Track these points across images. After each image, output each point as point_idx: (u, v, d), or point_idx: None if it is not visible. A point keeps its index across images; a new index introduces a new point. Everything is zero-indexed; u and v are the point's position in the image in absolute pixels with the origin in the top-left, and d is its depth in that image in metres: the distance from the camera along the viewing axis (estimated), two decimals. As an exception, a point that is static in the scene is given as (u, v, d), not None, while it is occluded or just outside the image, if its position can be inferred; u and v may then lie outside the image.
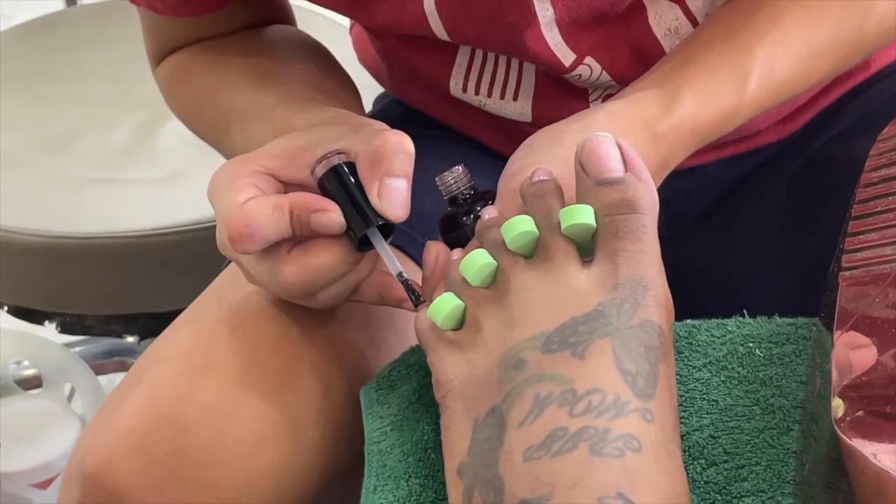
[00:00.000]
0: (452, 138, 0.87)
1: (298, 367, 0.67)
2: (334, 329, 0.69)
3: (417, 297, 0.61)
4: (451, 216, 0.65)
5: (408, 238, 0.74)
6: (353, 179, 0.62)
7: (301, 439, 0.66)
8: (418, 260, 0.75)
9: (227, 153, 0.78)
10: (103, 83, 1.36)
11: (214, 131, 0.80)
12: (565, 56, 0.75)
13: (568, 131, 0.64)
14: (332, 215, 0.60)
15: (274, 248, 0.61)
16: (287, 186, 0.63)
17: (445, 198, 0.65)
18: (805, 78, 0.70)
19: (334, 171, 0.62)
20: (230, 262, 0.75)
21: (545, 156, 0.62)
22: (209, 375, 0.65)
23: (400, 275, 0.62)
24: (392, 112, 0.92)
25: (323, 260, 0.61)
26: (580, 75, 0.76)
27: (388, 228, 0.62)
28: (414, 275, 0.64)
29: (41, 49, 1.43)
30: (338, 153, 0.62)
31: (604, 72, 0.76)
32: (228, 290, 0.71)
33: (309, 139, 0.65)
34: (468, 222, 0.63)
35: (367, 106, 0.97)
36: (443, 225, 0.65)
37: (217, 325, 0.68)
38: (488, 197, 0.64)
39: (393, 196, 0.61)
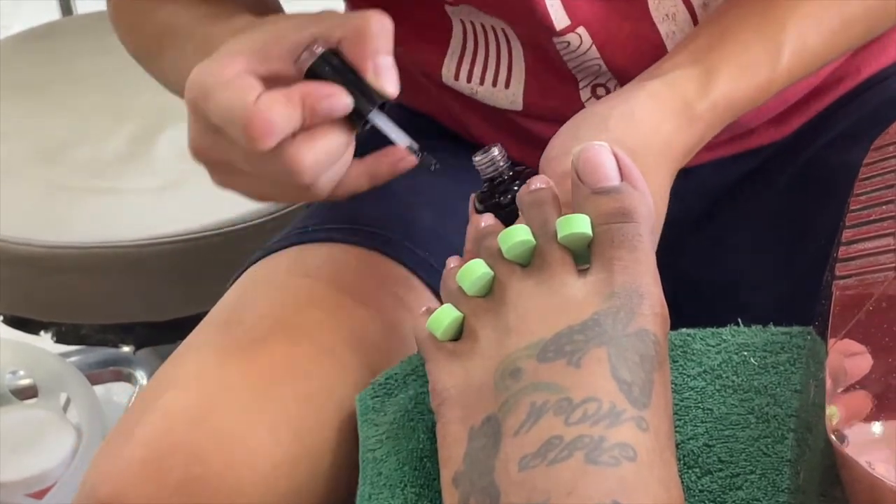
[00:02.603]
0: (446, 143, 0.87)
1: (312, 390, 0.66)
2: (348, 351, 0.68)
3: (433, 162, 0.62)
4: (487, 193, 0.64)
5: (407, 251, 0.74)
6: (343, 63, 0.62)
7: (316, 465, 0.65)
8: (420, 274, 0.74)
9: (158, 75, 0.78)
10: (99, 92, 1.36)
11: (147, 52, 0.79)
12: (559, 19, 0.74)
13: (613, 115, 0.64)
14: (342, 98, 0.61)
15: (284, 140, 0.61)
16: (265, 81, 0.63)
17: (483, 178, 0.65)
18: (835, 47, 0.71)
19: (323, 58, 0.62)
20: (235, 280, 0.75)
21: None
22: (222, 401, 0.64)
23: (410, 146, 0.63)
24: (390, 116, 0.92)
25: (332, 140, 0.62)
26: (568, 43, 0.76)
27: (380, 107, 0.63)
28: (414, 291, 0.63)
29: (37, 58, 1.43)
30: (316, 42, 0.62)
31: (593, 46, 0.76)
32: (235, 313, 0.70)
33: (274, 31, 0.64)
34: (504, 202, 0.63)
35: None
36: (479, 202, 0.64)
37: (227, 350, 0.67)
38: (526, 176, 0.63)
39: (387, 74, 0.62)
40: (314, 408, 0.66)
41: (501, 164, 0.64)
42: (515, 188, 0.62)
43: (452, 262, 0.60)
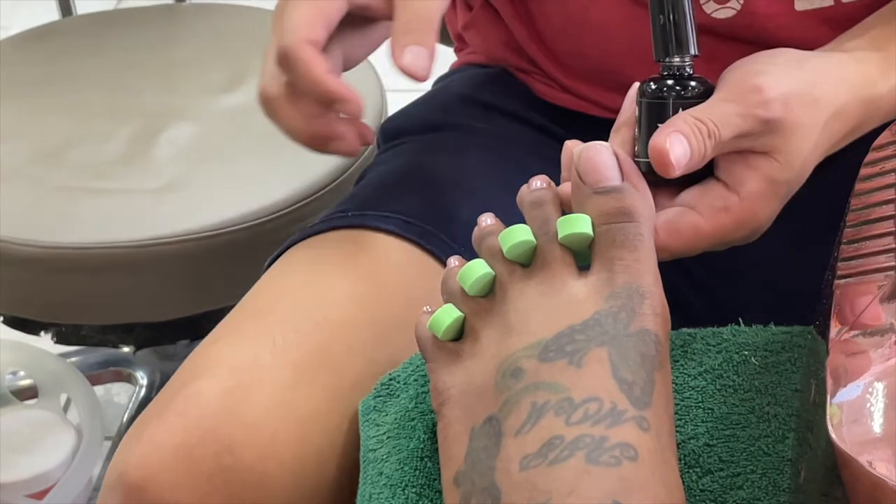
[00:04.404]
0: (505, 129, 0.86)
1: (341, 385, 0.66)
2: (378, 347, 0.68)
3: None
4: (656, 80, 0.62)
5: (443, 245, 0.74)
6: None
7: (343, 460, 0.65)
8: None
9: None
10: (99, 93, 1.36)
11: None
12: None
13: (809, 60, 0.63)
14: None
15: None
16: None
17: (664, 74, 0.62)
18: None
19: None
20: (274, 260, 0.75)
21: (781, 71, 0.61)
22: (253, 392, 0.64)
23: None
24: (454, 88, 0.91)
25: None
26: None
27: None
28: (435, 277, 0.63)
29: (37, 59, 1.43)
30: None
31: None
32: (270, 301, 0.70)
33: None
34: (673, 93, 0.61)
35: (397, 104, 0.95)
36: (645, 90, 0.62)
37: (260, 341, 0.67)
38: (703, 83, 0.61)
39: None
40: (343, 403, 0.65)
41: (688, 70, 0.61)
42: (691, 84, 0.61)
43: (453, 261, 0.60)
